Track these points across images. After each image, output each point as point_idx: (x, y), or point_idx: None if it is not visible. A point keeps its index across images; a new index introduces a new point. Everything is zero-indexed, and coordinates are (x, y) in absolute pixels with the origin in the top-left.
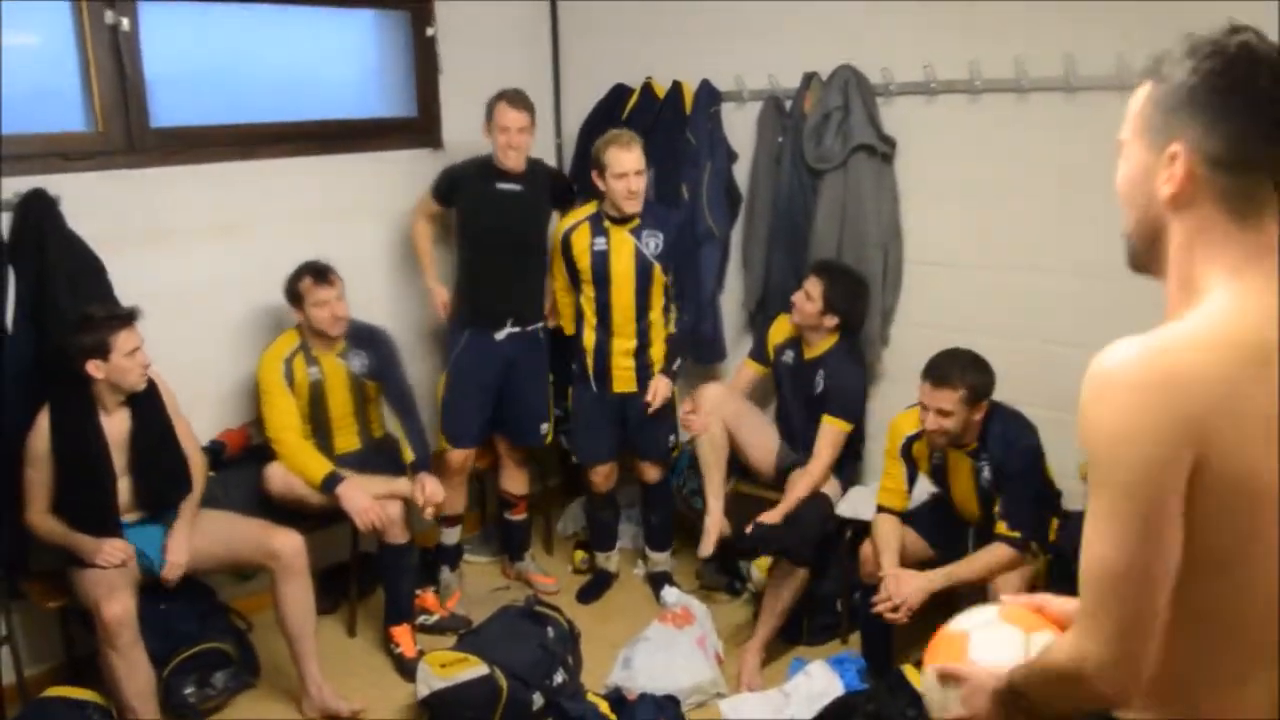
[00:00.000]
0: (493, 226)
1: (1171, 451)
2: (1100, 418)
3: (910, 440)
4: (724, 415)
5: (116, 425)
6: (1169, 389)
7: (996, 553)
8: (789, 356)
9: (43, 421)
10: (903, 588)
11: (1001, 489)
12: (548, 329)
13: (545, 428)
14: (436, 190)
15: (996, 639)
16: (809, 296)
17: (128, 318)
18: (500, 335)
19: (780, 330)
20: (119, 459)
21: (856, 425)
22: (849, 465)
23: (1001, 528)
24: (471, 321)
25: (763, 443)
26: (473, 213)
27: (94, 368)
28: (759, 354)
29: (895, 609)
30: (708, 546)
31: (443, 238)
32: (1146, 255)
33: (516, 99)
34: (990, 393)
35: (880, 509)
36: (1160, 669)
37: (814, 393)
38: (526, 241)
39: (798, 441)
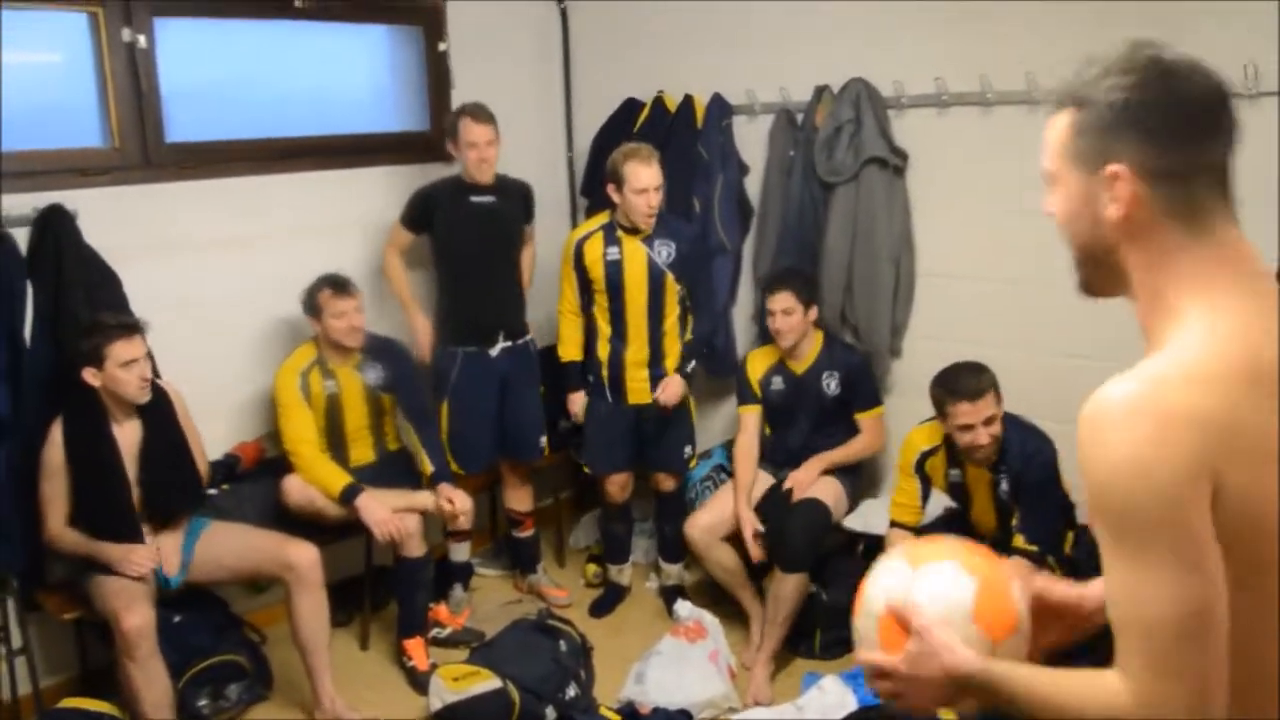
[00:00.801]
0: (474, 242)
1: (1189, 482)
2: (1106, 454)
3: (925, 456)
4: (722, 534)
5: (128, 435)
6: (1172, 425)
7: None
8: (778, 383)
9: (55, 433)
10: None
11: (1020, 501)
12: (534, 342)
13: (543, 441)
14: (408, 218)
15: (887, 573)
16: (786, 312)
17: (129, 328)
18: (495, 351)
19: (756, 365)
20: (130, 470)
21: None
22: (856, 475)
23: (1019, 541)
24: (463, 341)
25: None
26: (450, 231)
27: (90, 375)
28: (748, 397)
29: None
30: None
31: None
32: (1098, 279)
33: (480, 113)
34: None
35: (893, 524)
36: None
37: (827, 399)
38: (506, 254)
39: (801, 457)
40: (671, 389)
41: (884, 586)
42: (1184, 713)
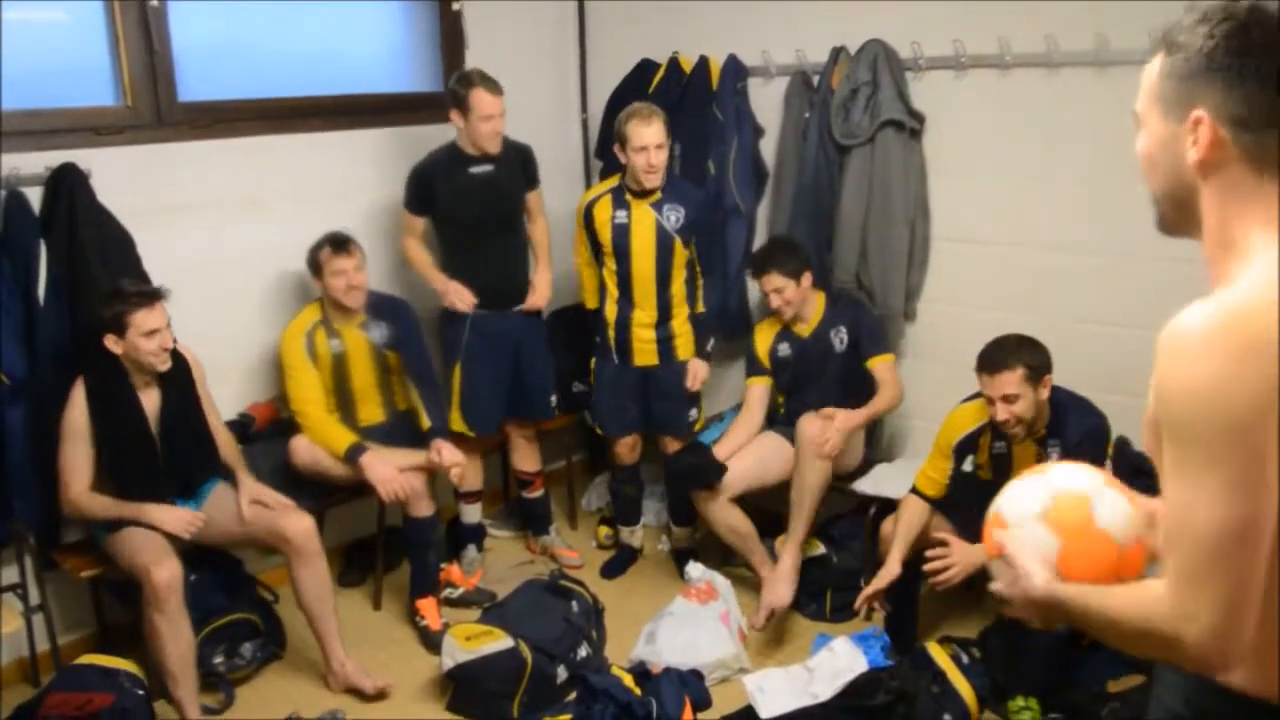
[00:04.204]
0: (477, 212)
1: (1262, 408)
2: (1186, 375)
3: (969, 438)
4: (726, 496)
5: (149, 402)
6: (1253, 348)
7: None
8: (785, 349)
9: (78, 395)
10: (967, 557)
11: None
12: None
13: (553, 400)
14: (411, 201)
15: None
16: (778, 291)
17: (150, 296)
18: (507, 315)
19: (764, 335)
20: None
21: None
22: (872, 427)
23: None
24: (473, 308)
25: (785, 459)
26: (454, 204)
27: (111, 342)
28: (756, 368)
29: (946, 569)
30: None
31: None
32: (1176, 219)
33: (493, 84)
34: (1049, 368)
35: (914, 491)
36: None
37: (838, 355)
38: (509, 220)
39: None
40: (699, 375)
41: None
42: (1210, 621)
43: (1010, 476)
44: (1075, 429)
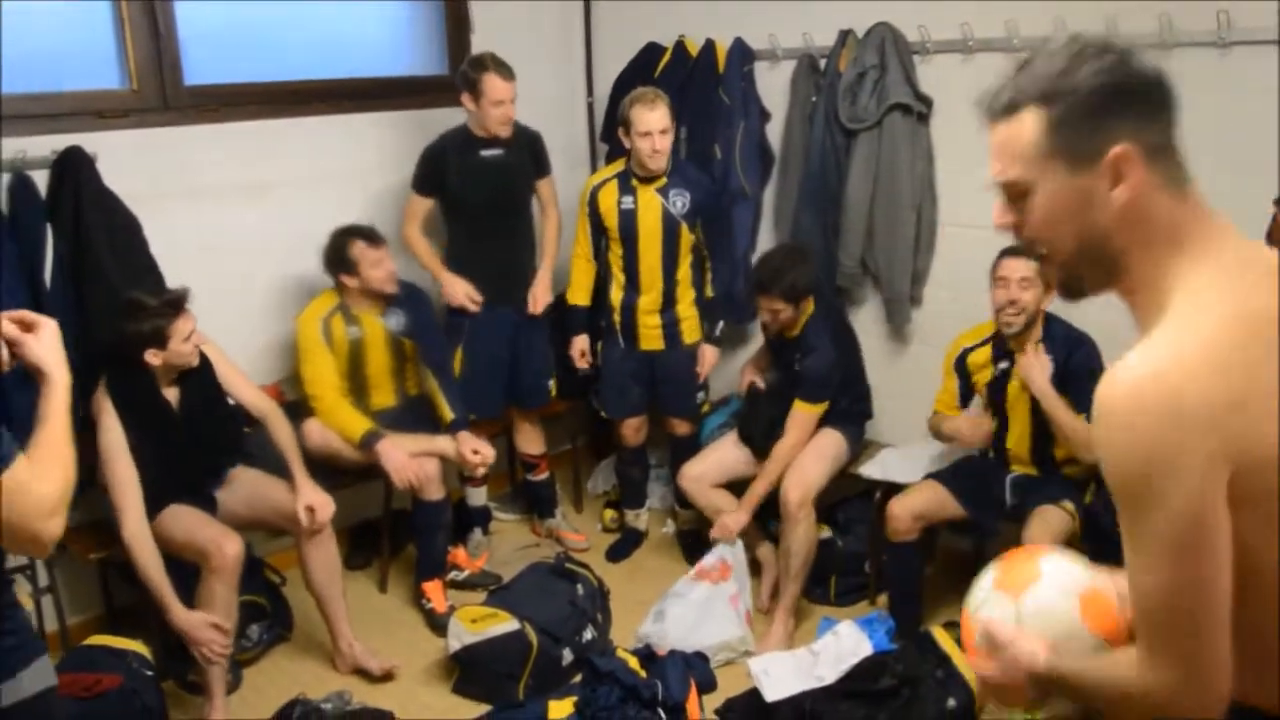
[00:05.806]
0: (487, 195)
1: (1203, 469)
2: (1121, 449)
3: (966, 352)
4: (712, 481)
5: (172, 398)
6: (1181, 420)
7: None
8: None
9: (107, 413)
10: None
11: (1069, 390)
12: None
13: (551, 385)
14: (421, 182)
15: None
16: (775, 313)
17: (180, 302)
18: (509, 302)
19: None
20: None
21: (858, 395)
22: (857, 424)
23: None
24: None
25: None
26: (463, 187)
27: (152, 355)
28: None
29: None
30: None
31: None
32: (1091, 278)
33: (506, 69)
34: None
35: (936, 412)
36: None
37: (794, 369)
38: (518, 205)
39: (774, 432)
40: (710, 361)
41: (989, 619)
42: (1176, 683)
43: (1006, 410)
44: (1067, 346)
